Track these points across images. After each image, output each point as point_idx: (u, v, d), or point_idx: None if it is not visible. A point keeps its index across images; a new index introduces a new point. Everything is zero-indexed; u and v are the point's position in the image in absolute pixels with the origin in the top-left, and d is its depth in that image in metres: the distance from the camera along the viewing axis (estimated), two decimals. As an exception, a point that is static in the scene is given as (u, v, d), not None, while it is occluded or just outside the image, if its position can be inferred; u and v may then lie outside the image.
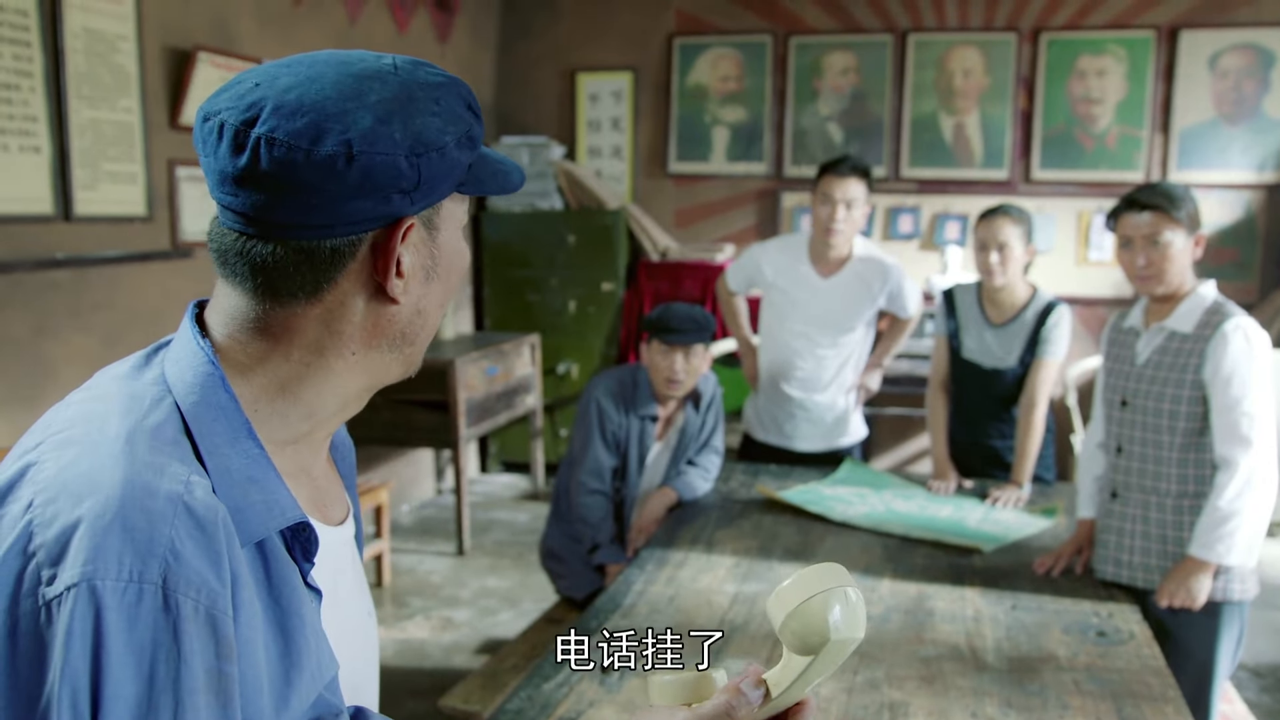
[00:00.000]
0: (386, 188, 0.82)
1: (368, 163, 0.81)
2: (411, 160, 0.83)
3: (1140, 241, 2.38)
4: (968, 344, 3.34)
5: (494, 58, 6.63)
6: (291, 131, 0.80)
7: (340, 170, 0.80)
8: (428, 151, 0.84)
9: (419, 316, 0.91)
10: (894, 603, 2.36)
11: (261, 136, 0.80)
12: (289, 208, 0.81)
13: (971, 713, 1.84)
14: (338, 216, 0.82)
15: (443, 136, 0.85)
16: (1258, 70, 5.64)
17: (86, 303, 3.55)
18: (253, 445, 0.83)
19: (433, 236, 0.89)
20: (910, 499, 3.19)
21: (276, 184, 0.80)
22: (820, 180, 3.37)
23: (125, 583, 0.70)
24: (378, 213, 0.83)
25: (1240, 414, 2.28)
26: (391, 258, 0.85)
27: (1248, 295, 5.70)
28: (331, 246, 0.84)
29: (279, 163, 0.80)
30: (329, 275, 0.85)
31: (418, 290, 0.89)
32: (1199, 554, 2.31)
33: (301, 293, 0.85)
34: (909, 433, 6.20)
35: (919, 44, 6.02)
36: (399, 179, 0.83)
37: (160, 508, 0.73)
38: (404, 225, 0.85)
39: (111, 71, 3.58)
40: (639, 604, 2.32)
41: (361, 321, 0.87)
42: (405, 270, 0.87)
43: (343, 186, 0.81)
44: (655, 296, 6.04)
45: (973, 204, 5.89)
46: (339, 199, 0.82)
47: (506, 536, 5.36)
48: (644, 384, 3.16)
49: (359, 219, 0.83)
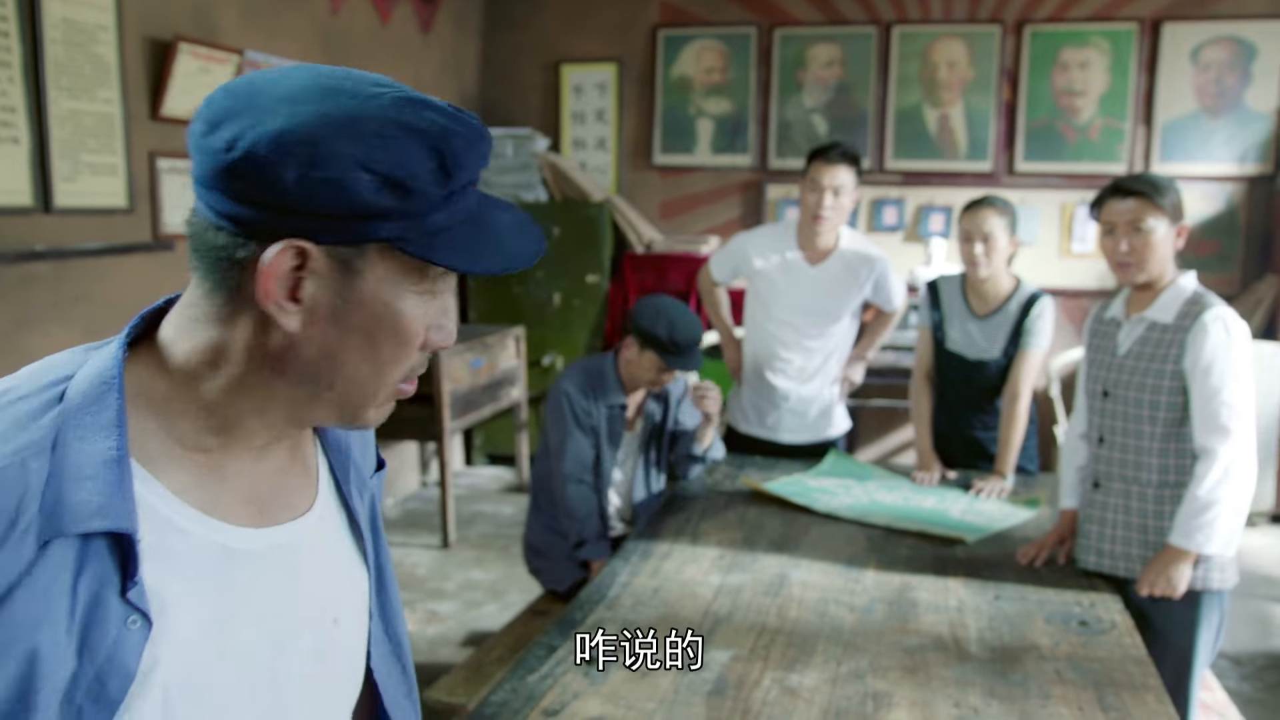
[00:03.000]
0: (262, 195, 0.79)
1: (246, 159, 0.78)
2: (300, 174, 0.78)
3: (1123, 228, 2.40)
4: (952, 335, 3.34)
5: (477, 49, 6.61)
6: (214, 111, 0.81)
7: (221, 158, 0.79)
8: (318, 172, 0.78)
9: (329, 361, 0.86)
10: (878, 593, 2.37)
11: (199, 113, 0.82)
12: (202, 184, 0.81)
13: (954, 702, 1.85)
14: (225, 208, 0.80)
15: (350, 166, 0.78)
16: (1239, 63, 5.67)
17: (67, 295, 3.52)
18: (114, 445, 0.80)
19: (348, 279, 0.83)
20: (894, 490, 3.20)
21: (194, 158, 0.81)
22: (809, 166, 3.37)
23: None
24: (256, 221, 0.80)
25: (1220, 404, 2.30)
26: (270, 277, 0.81)
27: (1229, 287, 5.73)
28: (224, 242, 0.82)
29: (192, 135, 0.81)
30: (230, 275, 0.83)
31: (323, 330, 0.84)
32: (1179, 543, 2.33)
33: (217, 286, 0.84)
34: (893, 424, 6.22)
35: (903, 36, 6.03)
36: (275, 190, 0.78)
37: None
38: (287, 244, 0.80)
39: (91, 62, 3.55)
40: (623, 596, 2.32)
41: (257, 339, 0.84)
42: (304, 299, 0.82)
43: (226, 178, 0.79)
44: (640, 289, 6.03)
45: (957, 196, 5.90)
46: (224, 192, 0.80)
47: (491, 529, 5.35)
48: (611, 374, 3.14)
49: (242, 219, 0.80)
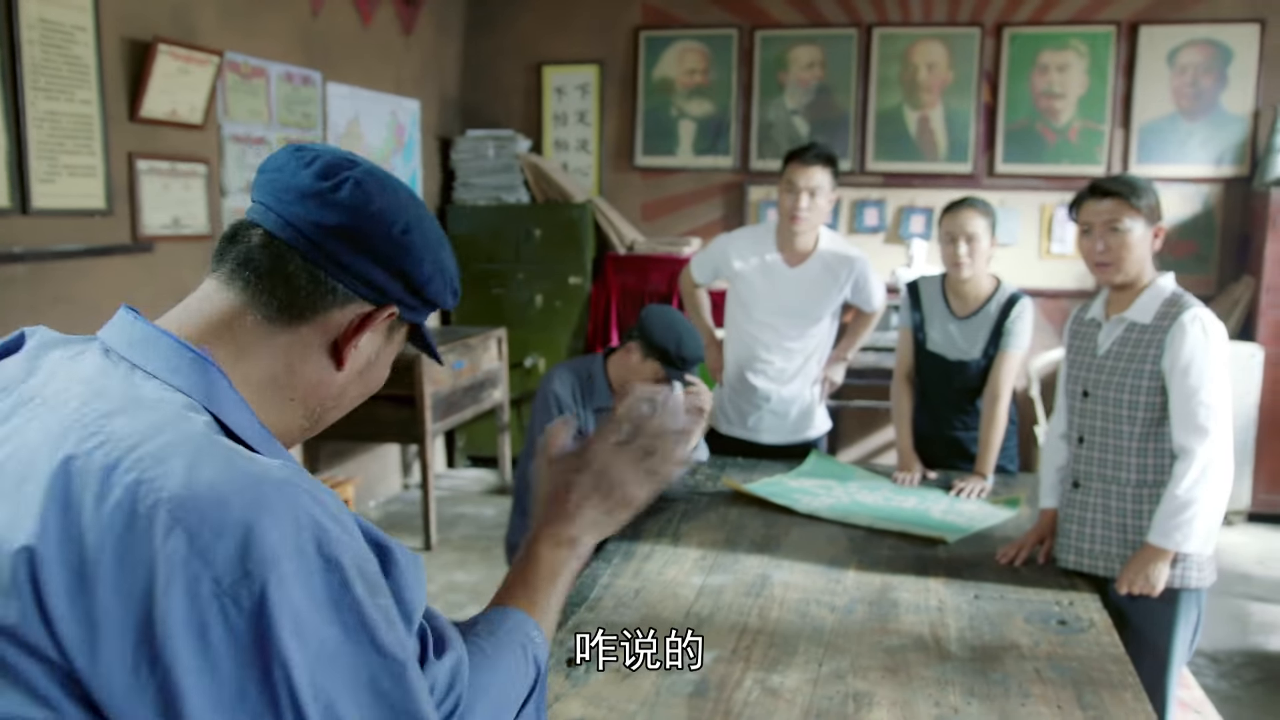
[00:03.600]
0: (403, 278, 0.99)
1: (411, 243, 0.98)
2: (432, 272, 1.01)
3: (1100, 228, 2.42)
4: (932, 336, 3.36)
5: (459, 50, 6.60)
6: (373, 189, 0.97)
7: (389, 234, 0.97)
8: (439, 278, 1.02)
9: (337, 399, 1.03)
10: (859, 594, 2.38)
11: (351, 176, 0.97)
12: (337, 237, 0.95)
13: (935, 702, 1.86)
14: (360, 268, 0.97)
15: (448, 284, 1.05)
16: (1215, 66, 5.72)
17: (45, 297, 3.50)
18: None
19: (387, 342, 1.04)
20: (875, 491, 3.21)
21: (341, 212, 0.95)
22: (785, 168, 3.38)
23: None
24: (385, 289, 0.99)
25: (1198, 404, 2.31)
26: (365, 329, 0.99)
27: (1206, 288, 5.78)
28: (333, 288, 0.97)
29: (355, 198, 0.96)
30: (313, 312, 0.96)
31: (350, 375, 1.01)
32: (1157, 542, 2.34)
33: (285, 314, 0.96)
34: (874, 425, 6.24)
35: (883, 38, 6.05)
36: (416, 278, 1.00)
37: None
38: (387, 311, 1.00)
39: (69, 63, 3.53)
40: (605, 597, 2.32)
41: (311, 371, 0.98)
42: (359, 347, 1.00)
43: (383, 249, 0.97)
44: (622, 290, 6.04)
45: (937, 197, 5.93)
46: (373, 258, 0.97)
47: (474, 531, 5.34)
48: (600, 377, 3.15)
49: (370, 282, 0.98)
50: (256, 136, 4.60)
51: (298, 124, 4.89)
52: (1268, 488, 5.53)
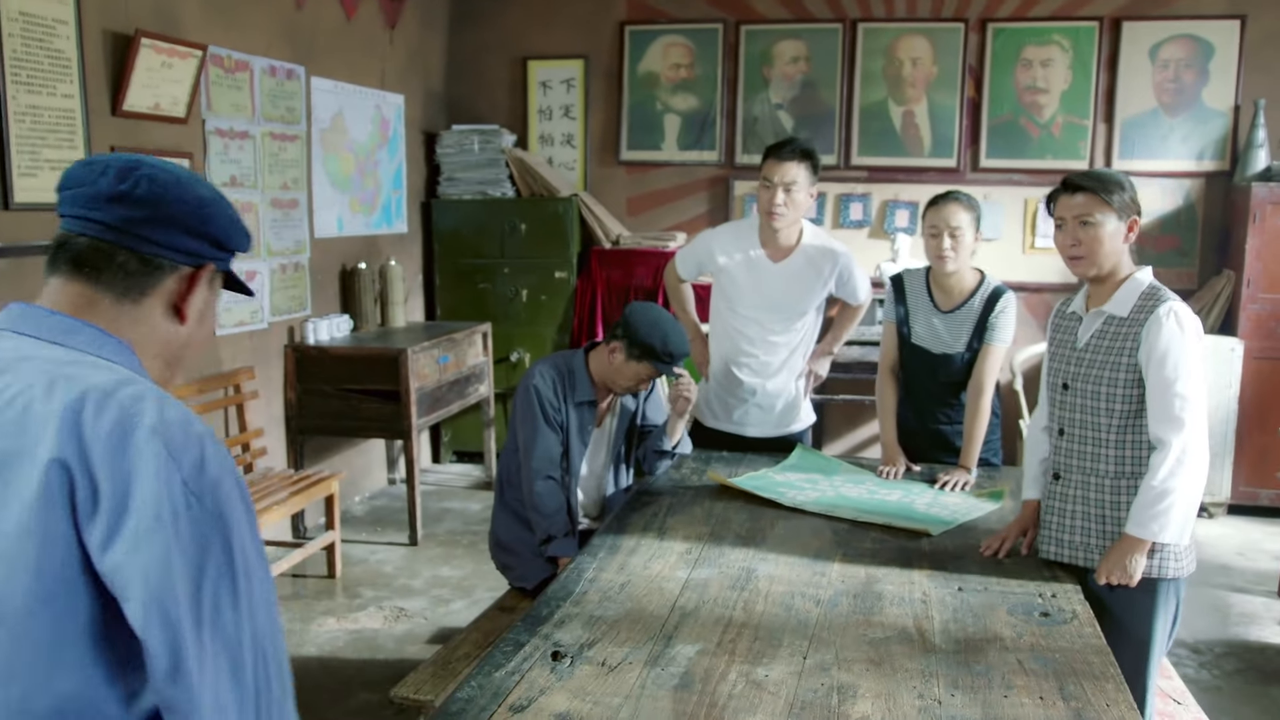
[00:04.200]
0: (210, 239, 1.22)
1: (208, 212, 1.21)
2: (229, 228, 1.24)
3: (1071, 222, 2.47)
4: (916, 330, 3.37)
5: (443, 45, 6.58)
6: (164, 179, 1.18)
7: (189, 211, 1.19)
8: (234, 230, 1.26)
9: (185, 348, 1.26)
10: (843, 586, 2.39)
11: (143, 175, 1.17)
12: (149, 225, 1.17)
13: (919, 694, 1.87)
14: (177, 242, 1.20)
15: (240, 233, 1.28)
16: (1197, 61, 5.75)
17: (26, 292, 3.46)
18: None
19: (210, 291, 1.27)
20: (860, 484, 3.23)
21: (145, 206, 1.16)
22: (763, 164, 3.39)
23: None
24: (200, 252, 1.22)
25: (1173, 395, 2.34)
26: (194, 287, 1.23)
27: (1188, 282, 5.82)
28: (160, 265, 1.20)
29: (153, 191, 1.17)
30: (151, 286, 1.20)
31: (194, 324, 1.25)
32: (1135, 532, 2.37)
33: (130, 295, 1.19)
34: (859, 418, 6.26)
35: (868, 33, 6.07)
36: (219, 237, 1.23)
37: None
38: (208, 267, 1.24)
39: (50, 56, 3.51)
40: (590, 591, 2.33)
41: (158, 333, 1.22)
42: (194, 302, 1.23)
43: (189, 223, 1.20)
44: (607, 284, 6.04)
45: (922, 192, 5.95)
46: (184, 232, 1.20)
47: (459, 526, 5.34)
48: (580, 371, 3.16)
49: (187, 250, 1.21)
50: (240, 131, 4.58)
51: (281, 118, 4.87)
52: (1248, 480, 5.57)
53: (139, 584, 1.01)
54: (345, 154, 5.47)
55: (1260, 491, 5.58)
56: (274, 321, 4.91)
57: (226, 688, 1.05)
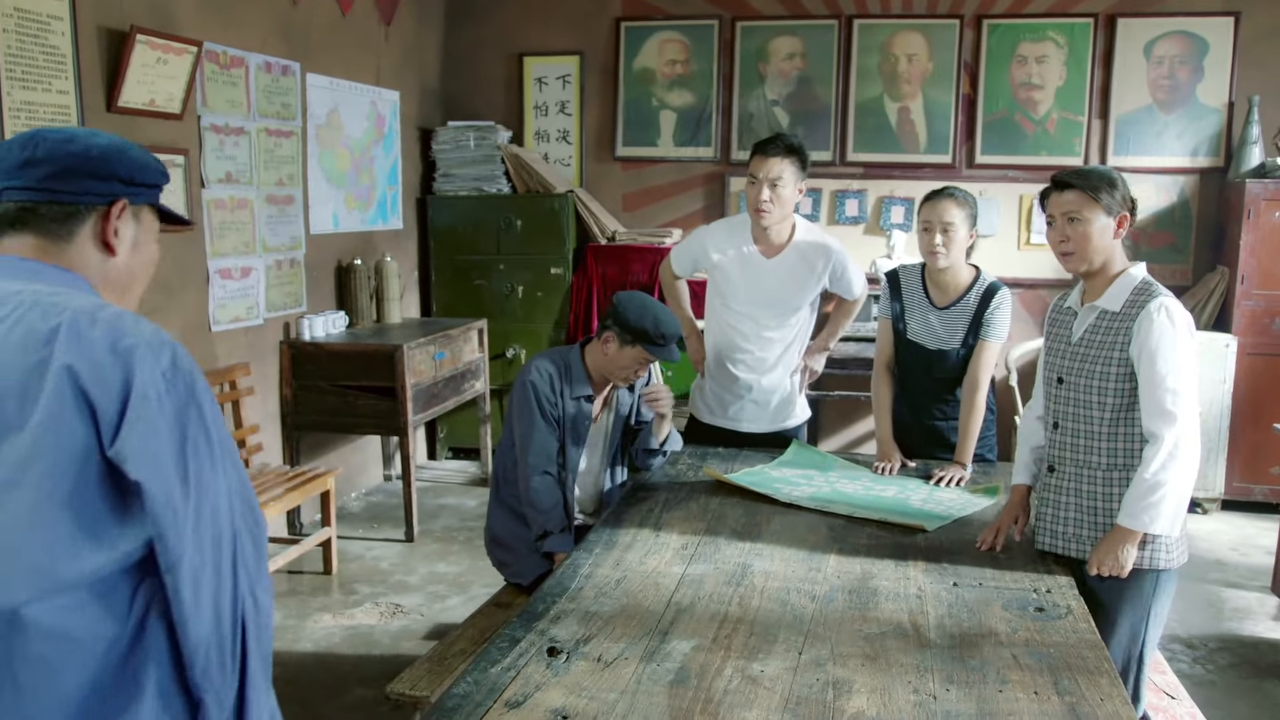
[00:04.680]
0: (115, 179, 1.41)
1: (106, 155, 1.41)
2: (132, 166, 1.43)
3: (1061, 219, 2.50)
4: (912, 326, 3.38)
5: (439, 41, 6.57)
6: (58, 138, 1.39)
7: (87, 158, 1.39)
8: (141, 166, 1.44)
9: (130, 276, 1.47)
10: (839, 582, 2.40)
11: (41, 139, 1.39)
12: (57, 178, 1.37)
13: (914, 689, 1.88)
14: (84, 187, 1.39)
15: (149, 167, 1.46)
16: (1191, 58, 5.76)
17: (21, 289, 3.47)
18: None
19: (138, 223, 1.46)
20: (855, 480, 3.23)
21: (49, 164, 1.37)
22: (750, 160, 3.41)
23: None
24: (110, 191, 1.41)
25: (1165, 390, 2.35)
26: (110, 222, 1.41)
27: (1182, 278, 5.84)
28: (76, 210, 1.39)
29: (52, 150, 1.37)
30: (76, 227, 1.39)
31: (127, 254, 1.44)
32: (1126, 523, 2.39)
33: (64, 238, 1.39)
34: (855, 415, 6.27)
35: (863, 29, 6.07)
36: (125, 175, 1.42)
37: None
38: (120, 202, 1.42)
39: (45, 52, 3.50)
40: (586, 587, 2.33)
41: (97, 266, 1.41)
42: (121, 234, 1.43)
43: (90, 169, 1.39)
44: (603, 280, 6.04)
45: (917, 188, 5.95)
46: (88, 176, 1.39)
47: (455, 522, 5.34)
48: (577, 366, 3.16)
49: (96, 192, 1.40)
50: (235, 127, 4.57)
51: (277, 114, 4.87)
52: (1241, 476, 5.59)
53: (139, 453, 1.25)
54: (341, 150, 5.46)
55: (1254, 487, 5.59)
56: (269, 318, 4.90)
57: (206, 525, 1.29)
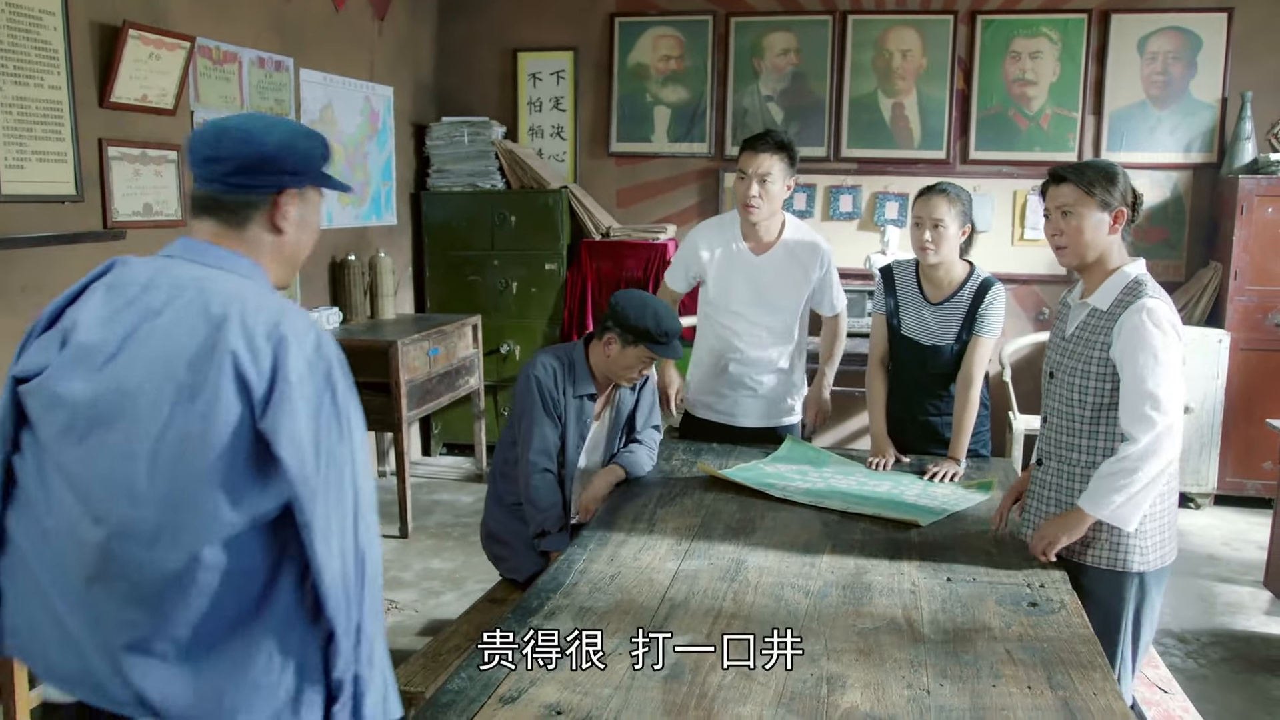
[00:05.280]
0: (281, 173, 1.63)
1: (278, 151, 1.62)
2: (298, 156, 1.65)
3: (1054, 212, 2.51)
4: (906, 321, 3.38)
5: (433, 36, 6.56)
6: (238, 137, 1.62)
7: (262, 154, 1.61)
8: (307, 156, 1.67)
9: (296, 249, 1.71)
10: (833, 577, 2.40)
11: (226, 135, 1.62)
12: (236, 173, 1.61)
13: (907, 684, 1.88)
14: (257, 180, 1.62)
15: (315, 151, 1.69)
16: (1184, 53, 5.77)
17: (14, 284, 3.47)
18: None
19: (304, 201, 1.68)
20: (849, 475, 3.24)
21: (229, 162, 1.60)
22: (740, 155, 3.41)
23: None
24: (279, 181, 1.64)
25: (1141, 393, 2.34)
26: (279, 208, 1.65)
27: (1175, 274, 5.85)
28: (250, 200, 1.63)
29: (233, 149, 1.60)
30: (252, 213, 1.63)
31: (294, 232, 1.68)
32: (1082, 503, 2.42)
33: (241, 223, 1.63)
34: (849, 411, 6.27)
35: (858, 24, 6.07)
36: (291, 165, 1.64)
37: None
38: (288, 191, 1.65)
39: (37, 47, 3.49)
40: (580, 582, 2.33)
41: (269, 245, 1.66)
42: (289, 216, 1.66)
43: (264, 163, 1.61)
44: (598, 276, 6.04)
45: (911, 184, 5.95)
46: (261, 170, 1.61)
47: (450, 518, 5.34)
48: (581, 363, 3.15)
49: (268, 183, 1.63)
50: (228, 122, 4.55)
51: (270, 110, 4.85)
52: (1234, 471, 5.61)
53: (281, 429, 1.46)
54: (334, 146, 5.44)
55: (1246, 482, 5.61)
56: (263, 314, 4.88)
57: (334, 490, 1.51)
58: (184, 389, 1.46)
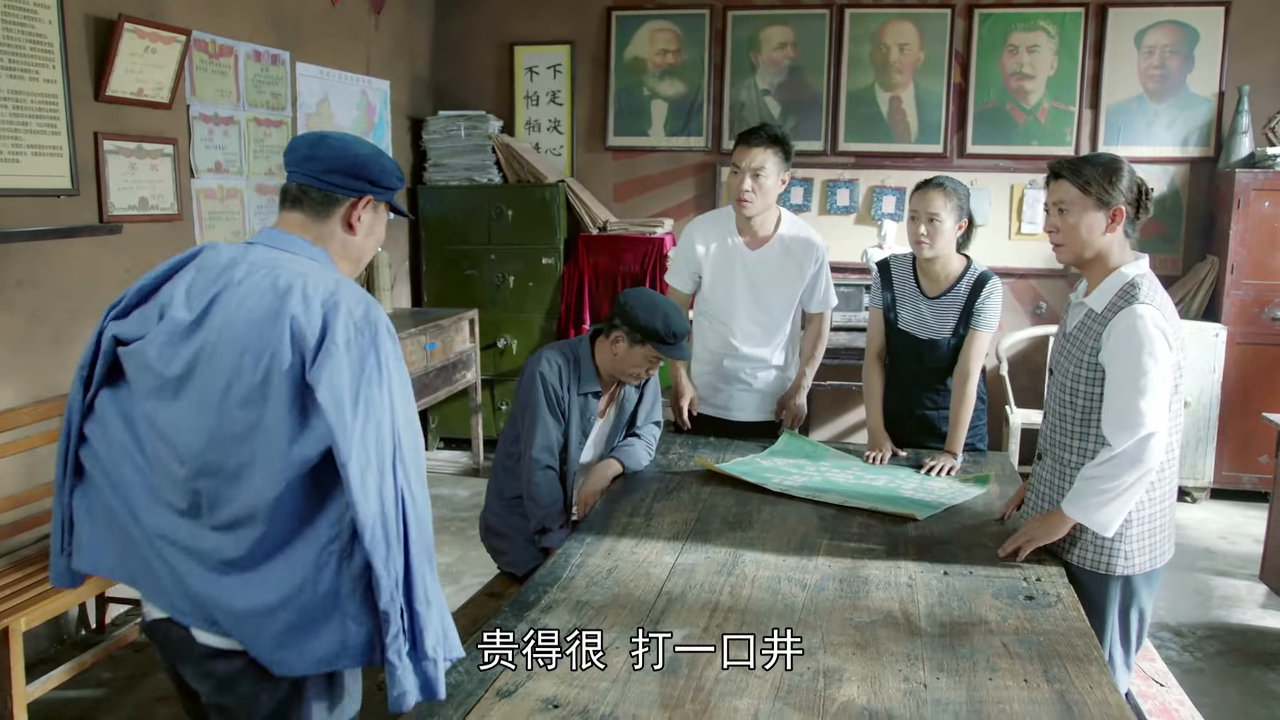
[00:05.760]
0: (367, 179, 1.89)
1: (366, 161, 1.89)
2: (381, 172, 1.91)
3: (1050, 208, 2.50)
4: (903, 315, 3.38)
5: (429, 30, 6.55)
6: (337, 145, 1.89)
7: (353, 161, 1.87)
8: (387, 174, 1.93)
9: (361, 250, 1.96)
10: (830, 571, 2.40)
11: (326, 140, 1.89)
12: (328, 172, 1.86)
13: (904, 677, 1.89)
14: (344, 182, 1.87)
15: (392, 174, 1.94)
16: (1182, 47, 5.77)
17: (10, 279, 3.46)
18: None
19: (375, 213, 1.94)
20: (846, 469, 3.24)
21: (324, 161, 1.86)
22: (734, 150, 3.41)
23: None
24: (360, 189, 1.89)
25: (1123, 400, 2.32)
26: (356, 209, 1.90)
27: (1172, 268, 5.85)
28: (335, 198, 1.88)
29: (330, 151, 1.87)
30: (332, 210, 1.88)
31: (363, 236, 1.94)
32: (1063, 505, 2.43)
33: (322, 216, 1.88)
34: (846, 405, 6.28)
35: (855, 18, 6.06)
36: (373, 178, 1.90)
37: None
38: (366, 198, 1.91)
39: (32, 41, 3.48)
40: (578, 576, 2.34)
41: (340, 241, 1.90)
42: (362, 220, 1.92)
43: (352, 169, 1.87)
44: (595, 270, 6.04)
45: (908, 178, 5.95)
46: (349, 174, 1.87)
47: (447, 512, 5.34)
48: (586, 360, 3.14)
49: (351, 187, 1.88)
50: (225, 116, 4.55)
51: (266, 104, 4.84)
52: (1230, 464, 5.62)
53: (323, 379, 1.64)
54: (331, 140, 5.43)
55: (1242, 476, 5.62)
56: (260, 308, 4.88)
57: (371, 434, 1.65)
58: (251, 347, 1.67)
